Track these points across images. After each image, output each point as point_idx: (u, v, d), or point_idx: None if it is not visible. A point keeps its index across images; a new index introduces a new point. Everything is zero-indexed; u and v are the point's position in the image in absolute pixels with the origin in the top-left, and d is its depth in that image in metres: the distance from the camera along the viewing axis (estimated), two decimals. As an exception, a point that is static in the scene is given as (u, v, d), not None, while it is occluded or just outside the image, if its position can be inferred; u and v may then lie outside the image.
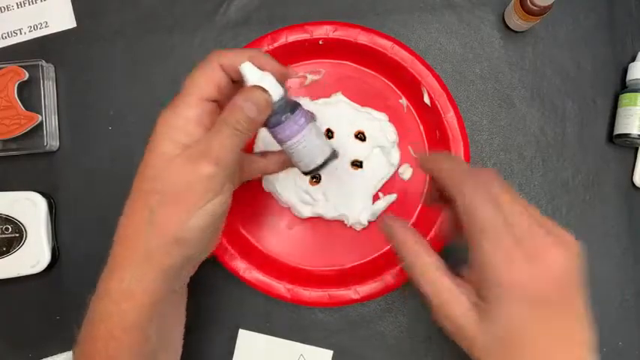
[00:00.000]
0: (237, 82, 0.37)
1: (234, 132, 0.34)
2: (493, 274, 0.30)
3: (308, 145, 0.38)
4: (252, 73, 0.36)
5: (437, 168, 0.36)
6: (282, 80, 0.37)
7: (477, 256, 0.31)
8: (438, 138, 0.47)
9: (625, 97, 0.48)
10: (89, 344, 0.36)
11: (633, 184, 0.49)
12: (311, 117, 0.38)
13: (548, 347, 0.30)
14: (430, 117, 0.48)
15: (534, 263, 0.30)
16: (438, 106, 0.46)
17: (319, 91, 0.49)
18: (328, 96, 0.49)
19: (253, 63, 0.36)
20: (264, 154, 0.43)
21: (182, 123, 0.35)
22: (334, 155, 0.39)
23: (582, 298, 0.32)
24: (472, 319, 0.31)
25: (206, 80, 0.36)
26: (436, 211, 0.46)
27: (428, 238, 0.46)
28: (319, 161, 0.39)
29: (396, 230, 0.36)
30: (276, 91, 0.36)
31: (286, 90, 0.37)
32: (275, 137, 0.38)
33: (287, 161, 0.42)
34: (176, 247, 0.34)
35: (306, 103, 0.48)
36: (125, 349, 0.35)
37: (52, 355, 0.49)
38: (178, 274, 0.36)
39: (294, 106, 0.37)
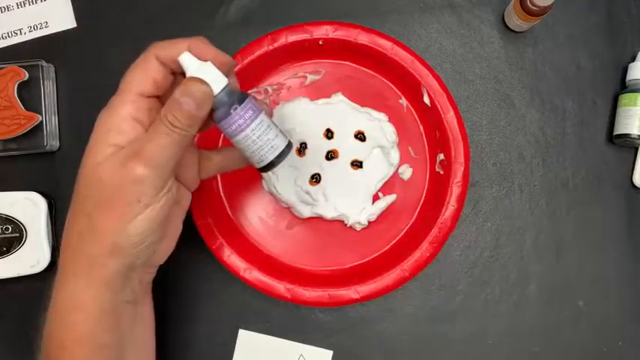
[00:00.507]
0: (180, 75, 0.35)
1: (173, 130, 0.32)
2: None
3: (258, 140, 0.35)
4: (191, 64, 0.33)
5: None
6: (226, 70, 0.34)
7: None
8: (437, 138, 0.47)
9: (625, 97, 0.48)
10: (45, 354, 0.35)
11: (633, 184, 0.49)
12: (261, 109, 0.36)
13: None
14: (430, 117, 0.48)
15: None
16: (438, 106, 0.46)
17: (319, 91, 0.49)
18: (328, 96, 0.49)
19: (192, 52, 0.33)
20: (220, 150, 0.41)
21: (117, 122, 0.33)
22: (288, 149, 0.36)
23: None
24: None
25: (142, 75, 0.34)
26: (436, 210, 0.46)
27: (429, 237, 0.46)
28: (271, 157, 0.36)
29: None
30: (217, 82, 0.33)
31: (236, 80, 0.35)
32: (223, 132, 0.35)
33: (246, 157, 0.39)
34: (115, 255, 0.33)
35: (306, 103, 0.48)
36: (79, 358, 0.34)
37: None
38: (124, 283, 0.35)
39: (241, 98, 0.35)
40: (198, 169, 0.39)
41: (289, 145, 0.37)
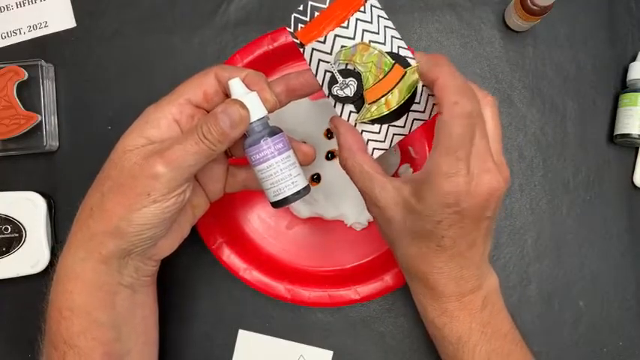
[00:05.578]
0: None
1: (202, 140, 0.34)
2: (435, 179, 0.33)
3: (280, 173, 0.36)
4: (237, 89, 0.36)
5: (434, 77, 0.35)
6: (268, 107, 0.36)
7: (430, 159, 0.34)
8: (438, 138, 0.47)
9: (625, 97, 0.48)
10: (47, 323, 0.37)
11: (633, 184, 0.49)
12: (290, 147, 0.37)
13: (458, 246, 0.35)
14: (430, 117, 0.48)
15: (471, 180, 0.33)
16: (438, 106, 0.46)
17: (319, 91, 0.49)
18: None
19: (245, 81, 0.36)
20: (247, 167, 0.42)
21: (157, 117, 0.35)
22: (305, 191, 0.38)
23: (491, 219, 0.36)
24: (399, 211, 0.35)
25: (196, 84, 0.36)
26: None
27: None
28: (288, 192, 0.37)
29: (339, 129, 0.37)
30: (256, 111, 0.36)
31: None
32: (249, 159, 0.37)
33: None
34: (115, 237, 0.35)
35: (306, 102, 0.48)
36: (76, 330, 0.35)
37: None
38: (120, 264, 0.36)
39: (275, 132, 0.37)
40: (224, 183, 0.41)
41: (307, 188, 0.38)
